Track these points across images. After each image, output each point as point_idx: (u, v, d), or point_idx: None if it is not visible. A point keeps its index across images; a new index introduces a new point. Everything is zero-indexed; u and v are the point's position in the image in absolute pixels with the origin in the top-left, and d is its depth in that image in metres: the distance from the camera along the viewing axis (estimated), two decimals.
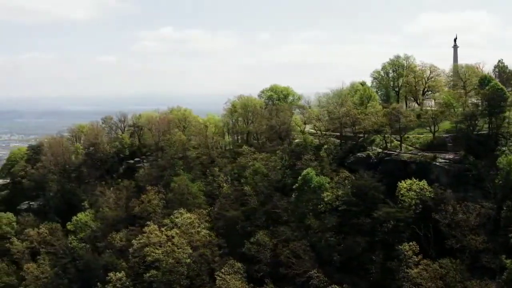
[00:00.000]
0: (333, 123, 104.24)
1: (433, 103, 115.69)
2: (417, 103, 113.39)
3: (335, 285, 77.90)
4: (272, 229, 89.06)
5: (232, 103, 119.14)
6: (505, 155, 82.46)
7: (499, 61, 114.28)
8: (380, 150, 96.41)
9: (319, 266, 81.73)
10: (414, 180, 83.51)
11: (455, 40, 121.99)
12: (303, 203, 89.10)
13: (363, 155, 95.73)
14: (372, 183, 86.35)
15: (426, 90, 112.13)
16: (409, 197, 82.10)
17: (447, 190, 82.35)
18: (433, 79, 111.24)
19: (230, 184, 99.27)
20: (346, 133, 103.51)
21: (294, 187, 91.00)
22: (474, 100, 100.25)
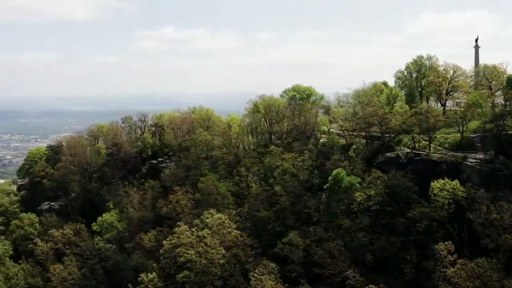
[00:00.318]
0: (359, 123, 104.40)
1: (454, 103, 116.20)
2: (441, 103, 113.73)
3: (372, 285, 77.93)
4: (303, 229, 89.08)
5: (254, 103, 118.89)
6: None
7: None
8: (408, 150, 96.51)
9: (353, 266, 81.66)
10: (446, 180, 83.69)
11: (476, 40, 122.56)
12: (334, 203, 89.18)
13: (392, 155, 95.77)
14: (405, 182, 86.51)
15: (449, 90, 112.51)
16: (442, 196, 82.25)
17: (479, 189, 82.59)
18: (456, 79, 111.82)
19: (258, 184, 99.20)
20: (371, 133, 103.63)
21: (324, 187, 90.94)
22: (500, 100, 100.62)
